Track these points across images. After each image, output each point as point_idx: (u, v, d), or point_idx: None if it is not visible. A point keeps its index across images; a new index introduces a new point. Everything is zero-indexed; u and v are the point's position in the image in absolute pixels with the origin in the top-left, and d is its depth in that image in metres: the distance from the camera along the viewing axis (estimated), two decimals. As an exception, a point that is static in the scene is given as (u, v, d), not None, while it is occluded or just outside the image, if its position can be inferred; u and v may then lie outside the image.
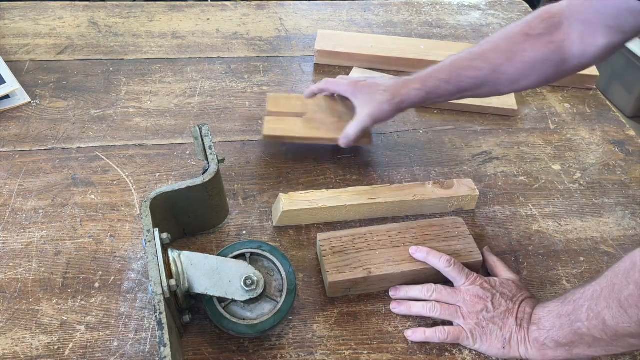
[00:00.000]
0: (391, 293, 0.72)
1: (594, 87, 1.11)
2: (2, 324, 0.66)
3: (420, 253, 0.72)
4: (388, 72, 1.08)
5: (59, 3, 1.22)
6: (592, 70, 1.08)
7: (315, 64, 1.11)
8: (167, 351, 0.54)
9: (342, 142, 0.84)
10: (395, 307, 0.70)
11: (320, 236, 0.74)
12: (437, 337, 0.67)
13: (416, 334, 0.67)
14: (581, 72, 1.03)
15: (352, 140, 0.84)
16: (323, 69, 1.10)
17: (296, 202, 0.78)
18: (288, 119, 0.89)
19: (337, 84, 0.87)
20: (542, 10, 0.75)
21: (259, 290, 0.64)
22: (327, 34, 1.14)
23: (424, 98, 0.79)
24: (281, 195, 0.79)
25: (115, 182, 0.84)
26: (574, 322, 0.59)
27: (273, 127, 0.88)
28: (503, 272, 0.72)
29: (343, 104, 0.90)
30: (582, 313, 0.58)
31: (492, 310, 0.65)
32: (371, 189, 0.81)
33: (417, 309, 0.69)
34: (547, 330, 0.62)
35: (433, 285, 0.70)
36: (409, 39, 1.16)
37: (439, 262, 0.70)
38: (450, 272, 0.70)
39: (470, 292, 0.67)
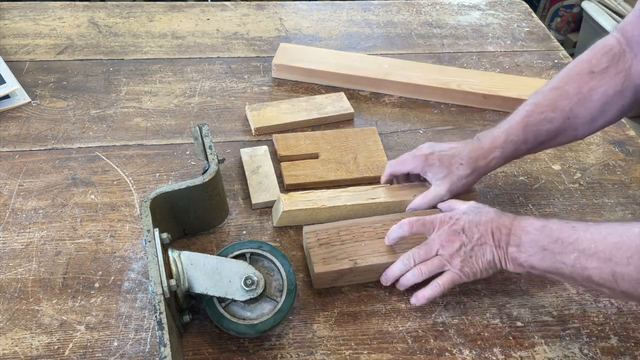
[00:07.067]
0: (382, 280, 0.72)
1: None
2: (2, 324, 0.66)
3: (390, 235, 0.72)
4: (347, 90, 1.04)
5: (59, 3, 1.22)
6: None
7: (273, 77, 1.06)
8: (167, 351, 0.54)
9: (410, 209, 0.80)
10: (400, 285, 0.71)
11: (306, 229, 0.75)
12: (436, 292, 0.68)
13: (419, 298, 0.69)
14: None
15: (424, 209, 0.79)
16: (280, 83, 1.06)
17: (296, 202, 0.78)
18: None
19: (403, 162, 0.79)
20: (598, 44, 0.74)
21: (259, 290, 0.64)
22: (289, 48, 1.09)
23: (503, 163, 0.77)
24: (281, 195, 0.79)
25: (115, 182, 0.84)
26: (558, 261, 0.61)
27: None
28: (459, 204, 0.73)
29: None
30: (569, 259, 0.60)
31: (468, 242, 0.67)
32: (371, 189, 0.81)
33: (410, 279, 0.70)
34: (527, 255, 0.64)
35: (408, 253, 0.70)
36: (373, 56, 1.11)
37: (402, 230, 0.71)
38: (416, 231, 0.71)
39: (442, 236, 0.68)
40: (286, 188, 0.85)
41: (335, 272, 0.70)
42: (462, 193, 0.78)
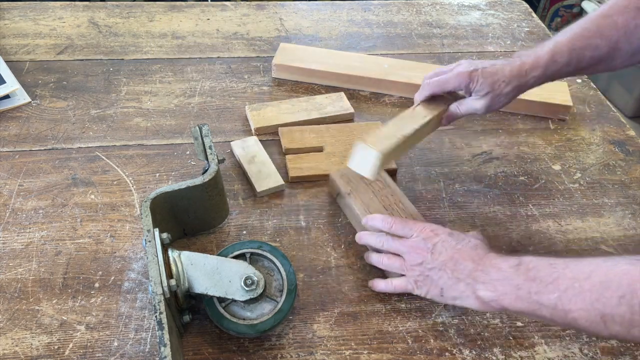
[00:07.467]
0: (356, 237, 0.75)
1: (567, 117, 1.03)
2: (2, 324, 0.66)
3: (368, 222, 0.74)
4: (347, 90, 1.04)
5: (59, 3, 1.22)
6: (566, 101, 1.02)
7: (273, 77, 1.07)
8: (167, 351, 0.54)
9: (446, 122, 0.82)
10: (366, 257, 0.74)
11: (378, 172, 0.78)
12: (387, 288, 0.71)
13: (374, 285, 0.72)
14: (555, 102, 1.01)
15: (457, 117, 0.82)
16: (280, 83, 1.06)
17: (381, 140, 0.73)
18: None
19: (446, 81, 0.77)
20: None
21: (259, 290, 0.64)
22: (289, 48, 1.09)
23: (541, 83, 0.77)
24: (358, 141, 0.72)
25: (115, 182, 0.84)
26: (535, 301, 0.57)
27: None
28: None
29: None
30: (549, 299, 0.56)
31: (430, 261, 0.66)
32: (414, 110, 0.80)
33: (373, 260, 0.72)
34: (497, 294, 0.60)
35: (383, 236, 0.71)
36: (373, 56, 1.11)
37: (382, 226, 0.72)
38: (394, 231, 0.71)
39: (413, 244, 0.68)
40: (290, 180, 0.86)
41: (336, 183, 0.81)
42: (497, 110, 0.79)
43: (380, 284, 0.71)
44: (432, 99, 0.81)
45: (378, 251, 0.73)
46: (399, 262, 0.69)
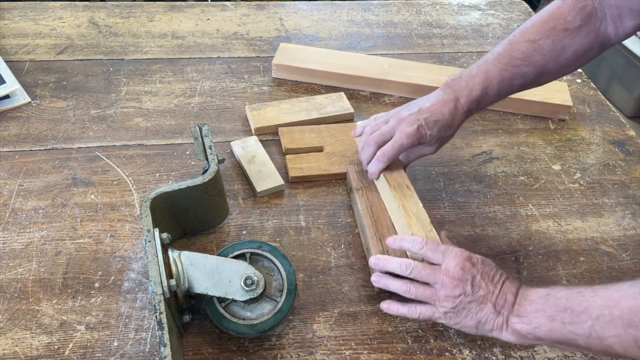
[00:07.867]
0: (371, 262, 0.70)
1: (567, 117, 1.03)
2: (2, 324, 0.66)
3: (395, 243, 0.69)
4: (347, 90, 1.04)
5: (59, 3, 1.22)
6: (566, 101, 1.02)
7: (273, 77, 1.07)
8: (167, 351, 0.54)
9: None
10: (375, 281, 0.68)
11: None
12: (410, 315, 0.65)
13: (391, 308, 0.67)
14: (555, 102, 1.01)
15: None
16: (280, 83, 1.06)
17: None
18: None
19: (400, 146, 0.76)
20: (573, 0, 0.75)
21: (259, 290, 0.64)
22: (289, 48, 1.09)
23: (475, 113, 0.79)
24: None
25: (115, 182, 0.84)
26: (570, 332, 0.57)
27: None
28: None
29: None
30: (582, 329, 0.56)
31: (470, 294, 0.62)
32: (399, 198, 0.79)
33: (394, 286, 0.67)
34: (533, 327, 0.59)
35: (412, 262, 0.66)
36: (373, 56, 1.11)
37: (412, 246, 0.67)
38: (424, 253, 0.66)
39: (450, 273, 0.63)
40: (290, 180, 0.86)
41: (350, 178, 0.83)
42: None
43: (400, 309, 0.66)
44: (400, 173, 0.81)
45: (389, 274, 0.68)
46: (429, 292, 0.64)
